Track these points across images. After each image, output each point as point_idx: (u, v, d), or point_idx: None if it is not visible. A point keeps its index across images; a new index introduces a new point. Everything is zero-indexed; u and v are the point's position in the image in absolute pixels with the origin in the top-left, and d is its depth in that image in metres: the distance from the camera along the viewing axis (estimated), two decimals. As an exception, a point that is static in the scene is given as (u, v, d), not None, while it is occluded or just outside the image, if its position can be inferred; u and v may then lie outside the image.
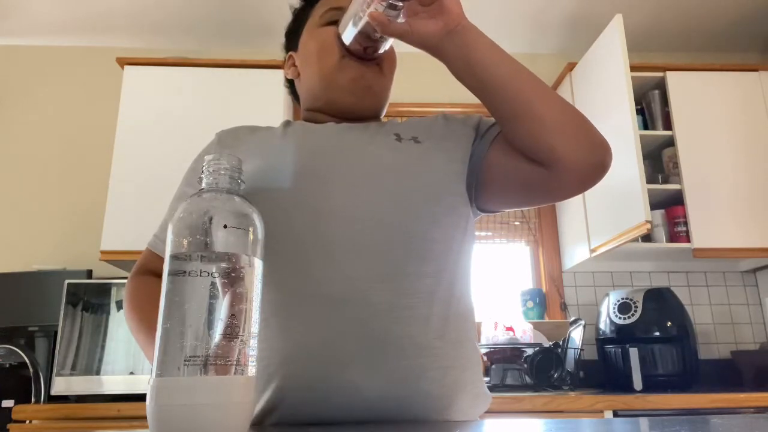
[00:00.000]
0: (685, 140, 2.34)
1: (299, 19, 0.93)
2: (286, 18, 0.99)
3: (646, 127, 2.46)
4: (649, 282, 2.57)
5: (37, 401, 1.82)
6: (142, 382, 1.89)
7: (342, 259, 0.68)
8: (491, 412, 1.68)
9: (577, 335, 2.17)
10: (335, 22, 0.84)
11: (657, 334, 2.09)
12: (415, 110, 2.73)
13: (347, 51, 0.82)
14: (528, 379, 2.05)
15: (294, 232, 0.70)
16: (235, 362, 0.46)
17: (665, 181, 2.38)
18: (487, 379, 2.12)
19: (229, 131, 0.88)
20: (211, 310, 0.46)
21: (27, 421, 1.70)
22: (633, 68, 2.22)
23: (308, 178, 0.73)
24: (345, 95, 0.84)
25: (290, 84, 0.99)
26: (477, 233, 2.63)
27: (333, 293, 0.67)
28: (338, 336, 0.65)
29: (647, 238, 2.23)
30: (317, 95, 0.87)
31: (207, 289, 0.46)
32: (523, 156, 0.76)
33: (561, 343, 2.11)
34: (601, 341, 2.22)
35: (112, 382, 1.89)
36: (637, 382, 1.98)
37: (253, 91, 2.33)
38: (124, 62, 2.36)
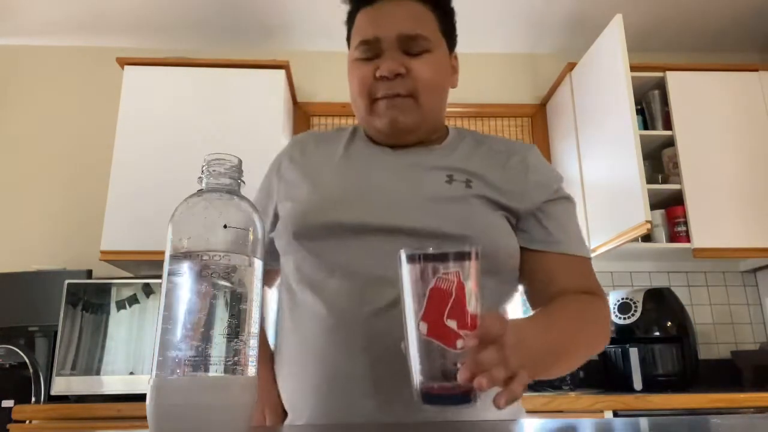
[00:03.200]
0: (685, 140, 2.34)
1: (348, 25, 0.91)
2: (286, 18, 0.98)
3: (646, 127, 2.46)
4: (649, 282, 2.57)
5: (37, 401, 1.82)
6: (142, 382, 1.89)
7: (375, 294, 0.72)
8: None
9: (577, 335, 2.17)
10: (368, 59, 0.84)
11: (657, 334, 2.09)
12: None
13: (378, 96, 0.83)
14: (528, 379, 2.05)
15: (336, 269, 0.75)
16: (235, 362, 0.46)
17: (665, 181, 2.38)
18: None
19: (299, 140, 0.93)
20: (211, 310, 0.46)
21: (27, 421, 1.70)
22: (633, 68, 2.22)
23: (352, 215, 0.76)
24: (383, 137, 0.86)
25: None
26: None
27: (364, 329, 0.72)
28: (370, 367, 0.71)
29: (647, 238, 2.23)
30: (361, 122, 0.89)
31: (207, 289, 0.46)
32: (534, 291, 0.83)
33: (561, 343, 2.11)
34: (601, 341, 2.21)
35: (112, 382, 1.89)
36: (637, 382, 1.98)
37: (253, 91, 2.33)
38: (124, 62, 2.36)
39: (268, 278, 0.94)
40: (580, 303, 0.76)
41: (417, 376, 0.52)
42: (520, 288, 0.86)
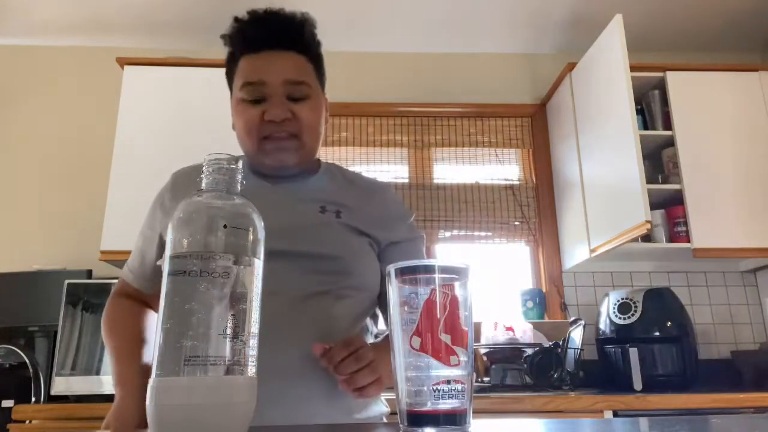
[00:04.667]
0: (685, 140, 2.34)
1: (229, 65, 0.98)
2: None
3: (646, 127, 2.46)
4: (649, 282, 2.57)
5: (37, 401, 1.82)
6: (142, 382, 1.89)
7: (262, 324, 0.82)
8: (492, 411, 1.69)
9: (577, 335, 2.17)
10: (254, 101, 0.92)
11: (657, 334, 2.09)
12: (414, 109, 2.73)
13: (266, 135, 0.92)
14: (528, 379, 2.05)
15: None
16: (235, 362, 0.46)
17: (665, 181, 2.38)
18: (487, 379, 2.12)
19: (183, 174, 1.00)
20: (211, 310, 0.46)
21: (27, 421, 1.70)
22: (633, 68, 2.21)
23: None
24: (268, 170, 0.96)
25: None
26: (478, 233, 2.64)
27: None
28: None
29: (647, 238, 2.23)
30: (247, 155, 0.98)
31: (207, 289, 0.46)
32: None
33: (561, 343, 2.11)
34: (601, 341, 2.22)
35: (111, 382, 1.89)
36: (637, 382, 1.98)
37: (253, 91, 2.33)
38: (124, 62, 2.36)
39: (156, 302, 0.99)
40: None
41: (403, 396, 0.48)
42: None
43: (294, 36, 0.94)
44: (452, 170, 2.75)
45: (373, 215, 0.96)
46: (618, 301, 2.17)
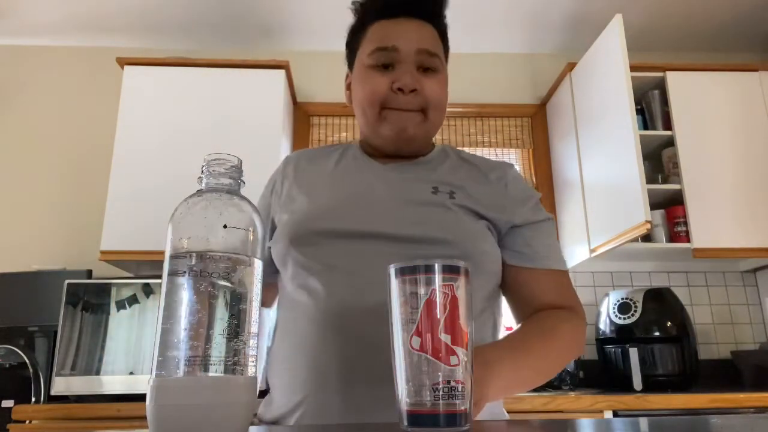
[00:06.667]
0: (685, 140, 2.34)
1: (356, 34, 0.94)
2: (286, 18, 1.00)
3: (645, 127, 2.46)
4: (649, 282, 2.57)
5: (37, 401, 1.82)
6: (142, 382, 1.89)
7: (368, 299, 0.75)
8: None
9: (577, 335, 2.17)
10: (383, 68, 0.87)
11: (657, 334, 2.09)
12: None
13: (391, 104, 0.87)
14: (528, 379, 2.05)
15: (328, 271, 0.80)
16: (235, 362, 0.46)
17: (665, 181, 2.38)
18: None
19: (292, 158, 0.98)
20: (211, 310, 0.46)
21: (27, 421, 1.70)
22: (633, 68, 2.22)
23: (345, 224, 0.81)
24: (387, 144, 0.90)
25: None
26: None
27: (356, 327, 0.75)
28: (358, 360, 0.74)
29: (647, 238, 2.23)
30: (364, 133, 0.94)
31: (207, 289, 0.46)
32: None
33: (561, 343, 2.11)
34: (601, 341, 2.22)
35: (111, 382, 1.89)
36: (637, 382, 1.98)
37: (253, 91, 2.33)
38: (124, 62, 2.36)
39: (266, 294, 0.93)
40: (556, 320, 0.82)
41: (403, 397, 0.48)
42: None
43: (431, 5, 0.90)
44: (452, 170, 2.75)
45: (490, 196, 0.87)
46: (618, 301, 2.17)
